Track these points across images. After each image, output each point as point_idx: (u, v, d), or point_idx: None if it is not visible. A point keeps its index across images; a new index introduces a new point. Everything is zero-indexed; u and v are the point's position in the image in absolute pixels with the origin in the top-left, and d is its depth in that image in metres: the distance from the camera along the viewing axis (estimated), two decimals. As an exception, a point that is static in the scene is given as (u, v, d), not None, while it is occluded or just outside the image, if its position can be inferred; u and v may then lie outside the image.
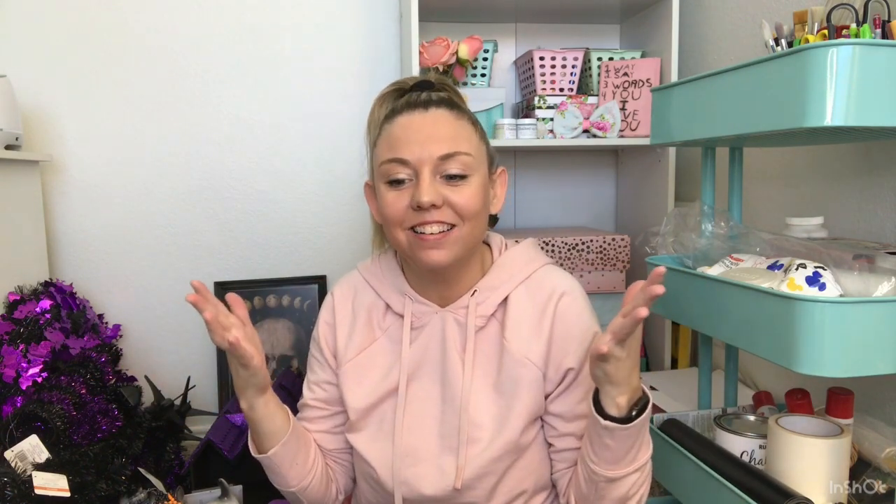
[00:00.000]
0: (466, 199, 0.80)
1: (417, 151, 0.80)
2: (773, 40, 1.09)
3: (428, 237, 0.80)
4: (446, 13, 1.87)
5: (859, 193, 1.24)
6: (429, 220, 0.79)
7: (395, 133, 0.82)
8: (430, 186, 0.79)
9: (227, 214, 1.91)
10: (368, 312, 0.93)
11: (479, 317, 0.88)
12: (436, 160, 0.80)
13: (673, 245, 1.16)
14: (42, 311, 1.44)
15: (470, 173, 0.81)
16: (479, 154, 0.84)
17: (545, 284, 0.89)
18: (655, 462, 1.19)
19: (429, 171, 0.79)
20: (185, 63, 1.84)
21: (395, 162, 0.81)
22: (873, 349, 0.82)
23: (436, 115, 0.82)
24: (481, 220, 0.84)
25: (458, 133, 0.82)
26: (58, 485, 1.12)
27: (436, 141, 0.80)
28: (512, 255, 0.92)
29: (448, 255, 0.81)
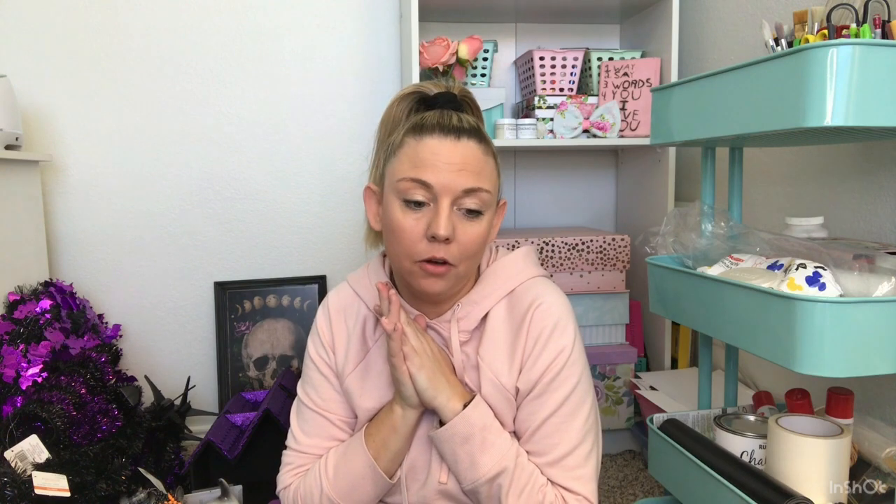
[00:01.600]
0: (473, 237, 0.81)
1: (444, 180, 0.78)
2: (773, 40, 1.09)
3: (432, 268, 0.80)
4: (446, 13, 1.87)
5: (859, 193, 1.24)
6: (437, 256, 0.79)
7: (423, 154, 0.80)
8: (448, 220, 0.78)
9: (227, 214, 1.91)
10: (360, 325, 0.94)
11: (463, 332, 0.88)
12: (459, 192, 0.79)
13: (673, 245, 1.16)
14: (42, 311, 1.44)
15: (484, 210, 0.82)
16: (495, 191, 0.84)
17: (526, 297, 0.88)
18: (655, 462, 1.20)
19: (448, 202, 0.79)
20: (186, 63, 1.84)
21: (417, 183, 0.79)
22: (873, 349, 0.82)
23: (467, 147, 0.80)
24: (479, 257, 0.85)
25: (484, 169, 0.81)
26: (58, 485, 1.12)
27: (465, 173, 0.79)
28: (498, 267, 0.91)
29: (446, 286, 0.83)
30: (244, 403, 1.76)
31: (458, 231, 0.79)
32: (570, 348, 0.85)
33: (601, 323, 1.77)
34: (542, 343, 0.85)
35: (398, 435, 0.86)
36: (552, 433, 0.84)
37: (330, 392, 0.93)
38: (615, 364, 1.74)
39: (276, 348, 1.91)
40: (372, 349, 0.92)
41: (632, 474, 1.65)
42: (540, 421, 0.84)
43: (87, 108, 1.81)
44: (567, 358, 0.85)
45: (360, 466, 0.86)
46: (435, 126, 0.81)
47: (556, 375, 0.84)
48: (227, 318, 1.88)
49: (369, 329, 0.93)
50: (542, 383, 0.84)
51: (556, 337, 0.85)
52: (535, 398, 0.85)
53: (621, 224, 2.08)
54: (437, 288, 0.81)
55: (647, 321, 1.86)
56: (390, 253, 0.85)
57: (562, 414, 0.84)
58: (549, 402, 0.84)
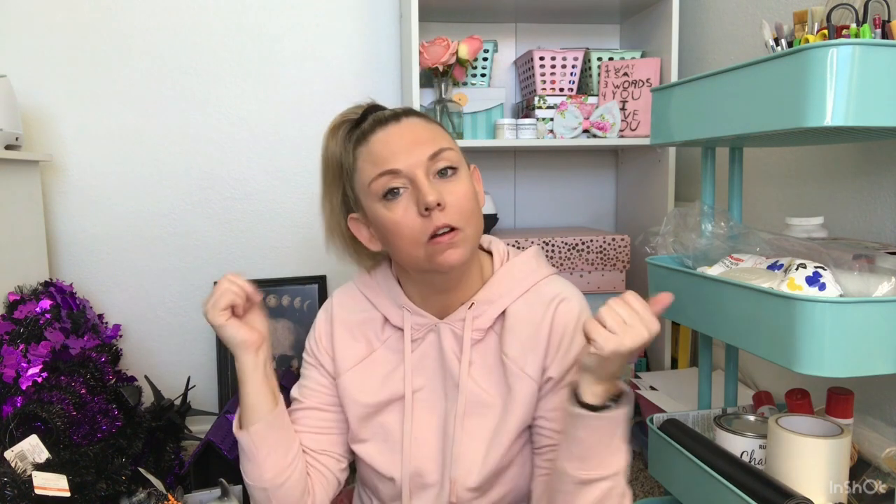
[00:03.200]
0: (462, 194, 0.81)
1: (405, 158, 0.80)
2: (773, 40, 1.09)
3: (443, 238, 0.79)
4: (446, 13, 1.87)
5: (859, 193, 1.24)
6: (440, 225, 0.78)
7: (376, 150, 0.82)
8: (431, 186, 0.79)
9: (227, 214, 1.91)
10: (366, 325, 0.93)
11: (476, 330, 0.88)
12: (426, 161, 0.80)
13: (673, 245, 1.16)
14: (42, 311, 1.44)
15: (458, 167, 0.82)
16: (457, 148, 0.85)
17: (545, 293, 0.88)
18: (655, 462, 1.20)
19: (423, 174, 0.80)
20: (186, 63, 1.84)
21: (386, 174, 0.80)
22: (873, 349, 0.82)
23: (409, 123, 0.83)
24: (479, 217, 0.84)
25: (435, 134, 0.83)
26: (58, 485, 1.12)
27: (420, 144, 0.81)
28: (512, 266, 0.91)
29: (463, 252, 0.81)
30: (244, 403, 1.76)
31: (445, 194, 0.79)
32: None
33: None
34: (570, 334, 0.86)
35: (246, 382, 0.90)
36: None
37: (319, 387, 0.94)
38: (615, 364, 1.74)
39: (276, 348, 1.91)
40: (379, 350, 0.92)
41: (632, 474, 1.65)
42: None
43: (87, 108, 1.81)
44: None
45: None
46: (373, 124, 0.85)
47: None
48: (227, 318, 1.88)
49: (377, 329, 0.93)
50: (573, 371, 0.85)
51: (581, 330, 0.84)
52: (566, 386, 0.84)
53: (621, 224, 2.08)
54: (457, 256, 0.80)
55: (647, 321, 1.86)
56: (398, 254, 0.84)
57: None
58: None
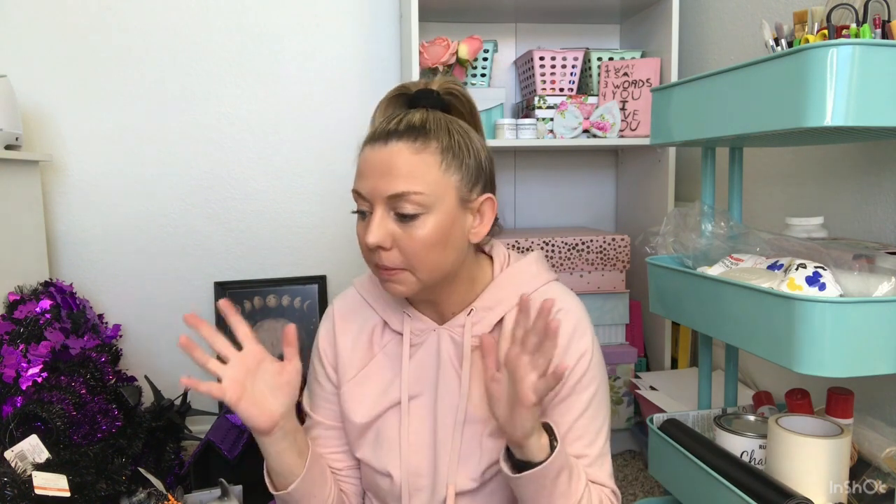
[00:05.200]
0: (416, 242, 0.77)
1: (371, 186, 0.78)
2: (773, 40, 1.09)
3: (383, 273, 0.80)
4: (446, 13, 1.87)
5: (859, 193, 1.24)
6: (380, 265, 0.79)
7: (360, 164, 0.81)
8: (379, 227, 0.77)
9: (227, 214, 1.91)
10: (367, 331, 0.92)
11: (475, 336, 0.86)
12: (386, 198, 0.77)
13: (673, 245, 1.16)
14: (42, 311, 1.44)
15: (424, 212, 0.77)
16: (442, 187, 0.78)
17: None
18: (655, 462, 1.20)
19: (381, 209, 0.78)
20: (186, 63, 1.84)
21: (356, 194, 0.81)
22: (873, 349, 0.82)
23: (393, 150, 0.78)
24: (440, 259, 0.80)
25: (415, 169, 0.77)
26: (58, 485, 1.12)
27: (388, 178, 0.77)
28: (512, 272, 0.89)
29: (406, 290, 0.80)
30: (244, 403, 1.76)
31: (398, 236, 0.77)
32: (591, 350, 0.85)
33: (601, 323, 1.77)
34: (563, 347, 0.84)
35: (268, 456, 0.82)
36: (583, 434, 0.84)
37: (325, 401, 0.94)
38: (615, 364, 1.74)
39: (276, 348, 1.91)
40: (378, 355, 0.91)
41: (632, 474, 1.65)
42: (570, 423, 0.83)
43: (87, 108, 1.81)
44: (590, 360, 0.85)
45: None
46: (371, 136, 0.81)
47: (581, 377, 0.84)
48: (227, 318, 1.88)
49: (377, 335, 0.92)
50: (567, 386, 0.84)
51: (576, 340, 0.85)
52: (561, 401, 0.84)
53: (621, 224, 2.08)
54: (398, 291, 0.80)
55: (647, 321, 1.86)
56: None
57: (588, 415, 0.84)
58: (577, 404, 0.84)
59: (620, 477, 1.64)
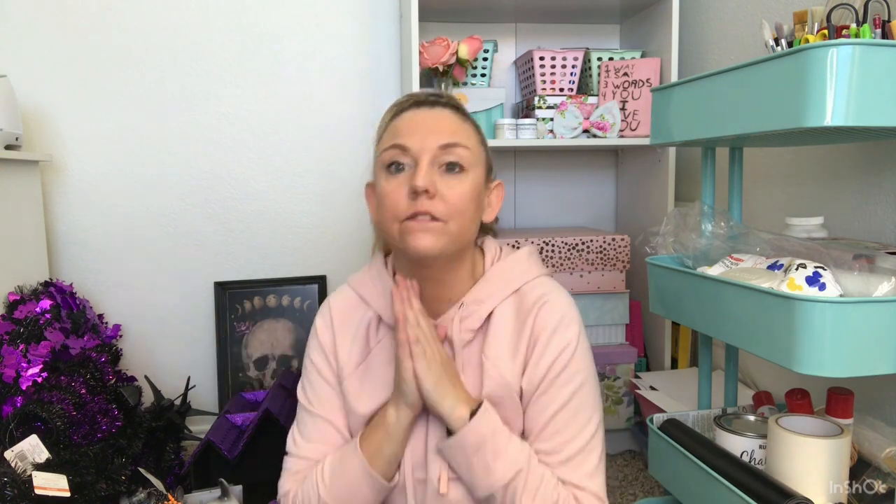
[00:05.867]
0: (458, 193, 0.81)
1: (419, 141, 0.81)
2: (773, 40, 1.09)
3: (417, 223, 0.80)
4: (446, 13, 1.87)
5: (859, 193, 1.24)
6: (421, 210, 0.79)
7: (400, 125, 0.84)
8: (427, 173, 0.79)
9: (227, 214, 1.91)
10: (363, 327, 0.93)
11: (466, 331, 0.87)
12: (436, 149, 0.81)
13: (673, 245, 1.16)
14: (42, 311, 1.44)
15: (467, 168, 0.82)
16: (477, 154, 0.85)
17: (531, 296, 0.88)
18: (655, 462, 1.20)
19: (427, 160, 0.81)
20: (186, 63, 1.84)
21: (395, 148, 0.82)
22: (873, 349, 0.82)
23: (441, 113, 0.85)
24: (470, 221, 0.84)
25: (460, 129, 0.84)
26: (58, 485, 1.12)
27: (438, 132, 0.82)
28: (503, 266, 0.91)
29: (435, 242, 0.80)
30: (244, 403, 1.76)
31: (441, 187, 0.80)
32: (574, 343, 0.85)
33: (601, 323, 1.77)
34: (544, 340, 0.84)
35: (392, 438, 0.84)
36: (562, 429, 0.83)
37: (329, 396, 0.92)
38: (615, 364, 1.74)
39: (276, 348, 1.91)
40: (374, 350, 0.91)
41: (632, 474, 1.65)
42: (548, 417, 0.84)
43: (87, 108, 1.81)
44: (572, 353, 0.84)
45: (355, 472, 0.84)
46: (411, 104, 0.87)
47: (562, 371, 0.84)
48: (227, 318, 1.88)
49: (372, 330, 0.92)
50: (547, 379, 0.84)
51: (560, 332, 0.85)
52: (541, 395, 0.84)
53: (621, 224, 2.08)
54: (427, 242, 0.79)
55: (647, 321, 1.86)
56: (381, 225, 0.86)
57: (570, 409, 0.84)
58: (557, 398, 0.84)
59: (620, 477, 1.63)
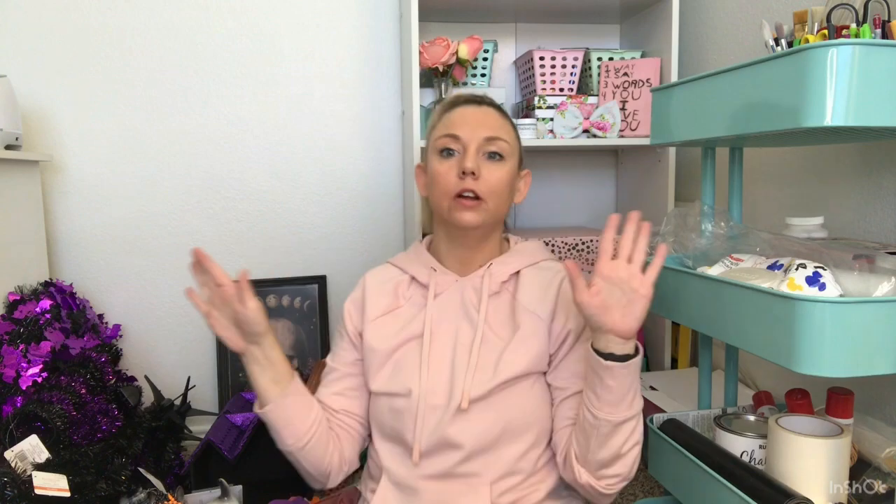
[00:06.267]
0: (498, 176, 0.99)
1: (469, 132, 0.99)
2: (773, 40, 1.09)
3: (465, 201, 0.97)
4: (446, 13, 1.87)
5: (859, 193, 1.24)
6: (467, 188, 0.97)
7: (453, 118, 1.02)
8: (474, 158, 0.98)
9: (227, 214, 1.91)
10: (393, 284, 1.07)
11: (495, 283, 1.02)
12: (482, 140, 0.99)
13: (673, 245, 1.16)
14: (42, 311, 1.44)
15: (505, 157, 1.00)
16: (514, 147, 1.03)
17: (550, 268, 1.05)
18: (656, 462, 1.20)
19: (475, 148, 0.98)
20: (186, 63, 1.84)
21: (449, 137, 1.00)
22: (873, 349, 0.82)
23: (487, 111, 1.03)
24: (504, 201, 1.02)
25: (502, 126, 1.02)
26: (58, 485, 1.12)
27: (484, 126, 1.00)
28: (524, 246, 1.10)
29: (477, 217, 0.98)
30: (244, 403, 1.76)
31: (484, 170, 0.98)
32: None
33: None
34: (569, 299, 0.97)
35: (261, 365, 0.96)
36: None
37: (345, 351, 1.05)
38: (615, 364, 1.73)
39: (276, 348, 1.91)
40: (403, 306, 1.04)
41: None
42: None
43: (87, 108, 1.81)
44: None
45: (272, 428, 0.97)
46: (463, 101, 1.05)
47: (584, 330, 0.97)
48: (227, 318, 1.88)
49: (403, 287, 1.06)
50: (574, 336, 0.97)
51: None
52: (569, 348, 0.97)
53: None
54: (470, 218, 0.97)
55: (647, 321, 1.86)
56: (433, 198, 1.03)
57: None
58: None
59: (620, 477, 1.63)
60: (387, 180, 1.97)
